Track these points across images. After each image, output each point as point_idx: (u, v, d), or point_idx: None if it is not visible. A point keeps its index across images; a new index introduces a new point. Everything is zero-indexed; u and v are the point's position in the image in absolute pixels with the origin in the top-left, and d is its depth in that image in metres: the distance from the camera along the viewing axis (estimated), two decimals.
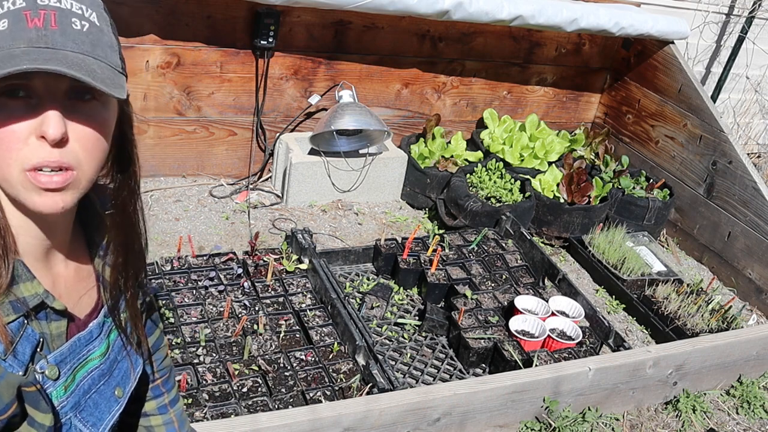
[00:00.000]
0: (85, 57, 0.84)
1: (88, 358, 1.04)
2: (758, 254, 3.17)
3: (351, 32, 3.20)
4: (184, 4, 2.82)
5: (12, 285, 0.91)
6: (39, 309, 0.95)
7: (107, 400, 1.09)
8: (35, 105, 0.84)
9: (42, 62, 0.79)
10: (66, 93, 0.85)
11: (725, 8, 4.30)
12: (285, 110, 3.27)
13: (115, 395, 1.11)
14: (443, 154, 3.45)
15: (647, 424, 2.36)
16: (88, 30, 0.85)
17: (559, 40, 3.72)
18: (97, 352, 1.06)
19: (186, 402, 1.92)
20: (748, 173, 3.19)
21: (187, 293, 2.36)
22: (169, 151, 3.12)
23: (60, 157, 0.85)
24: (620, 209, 3.42)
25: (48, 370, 0.96)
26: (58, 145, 0.84)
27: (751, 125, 4.85)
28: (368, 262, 2.89)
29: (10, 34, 0.81)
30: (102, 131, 0.89)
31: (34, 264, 0.95)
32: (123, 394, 1.12)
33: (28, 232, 0.94)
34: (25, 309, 0.92)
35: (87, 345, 1.04)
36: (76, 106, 0.86)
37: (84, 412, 1.05)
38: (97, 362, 1.06)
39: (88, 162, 0.88)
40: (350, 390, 2.10)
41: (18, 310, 0.91)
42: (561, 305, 2.70)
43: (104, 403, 1.09)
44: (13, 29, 0.82)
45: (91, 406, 1.06)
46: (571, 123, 4.10)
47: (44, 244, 0.97)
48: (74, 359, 1.02)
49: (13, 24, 0.82)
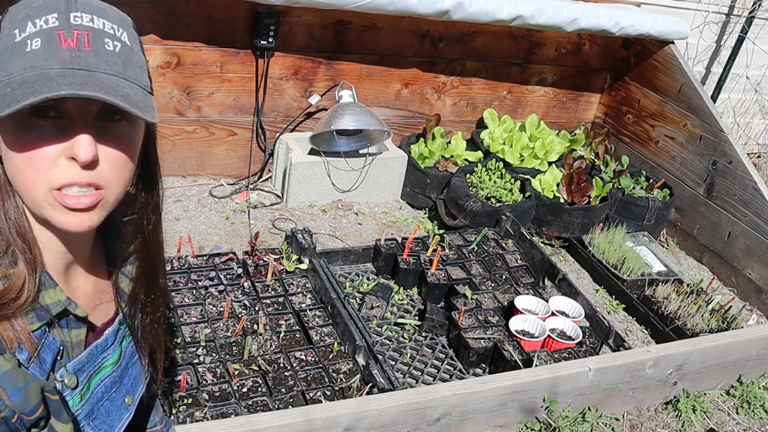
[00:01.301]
0: (118, 79, 0.84)
1: (103, 365, 1.05)
2: (758, 254, 3.17)
3: (351, 32, 3.20)
4: (184, 4, 2.82)
5: (37, 294, 0.92)
6: (61, 316, 0.95)
7: (118, 408, 1.10)
8: (66, 126, 0.83)
9: (78, 87, 0.78)
10: (97, 114, 0.85)
11: (725, 8, 4.30)
12: (285, 110, 3.27)
13: (125, 403, 1.12)
14: (443, 154, 3.45)
15: (647, 424, 2.36)
16: (120, 50, 0.85)
17: (559, 40, 3.72)
18: (111, 360, 1.07)
19: (186, 402, 1.92)
20: (748, 173, 3.19)
21: (187, 293, 2.36)
22: (169, 151, 3.12)
23: (89, 177, 0.85)
24: (620, 209, 3.42)
25: (67, 379, 0.97)
26: (88, 166, 0.84)
27: (751, 125, 4.85)
28: (368, 262, 2.89)
29: (43, 54, 0.81)
30: (130, 152, 0.89)
31: (55, 277, 0.96)
32: (132, 401, 1.14)
33: (50, 247, 0.94)
34: (49, 317, 0.93)
35: (102, 353, 1.05)
36: (106, 128, 0.86)
37: (96, 420, 1.06)
38: (110, 369, 1.07)
39: (116, 182, 0.88)
40: (350, 390, 2.10)
41: (42, 318, 0.92)
42: (561, 305, 2.70)
43: (115, 410, 1.10)
44: (47, 49, 0.81)
45: (103, 414, 1.07)
46: (571, 123, 4.10)
47: (66, 258, 0.98)
48: (90, 367, 1.03)
49: (46, 44, 0.81)
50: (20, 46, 0.81)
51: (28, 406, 0.88)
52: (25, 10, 0.83)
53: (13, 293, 0.88)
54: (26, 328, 0.89)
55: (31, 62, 0.81)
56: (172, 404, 1.91)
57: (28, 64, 0.81)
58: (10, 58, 0.81)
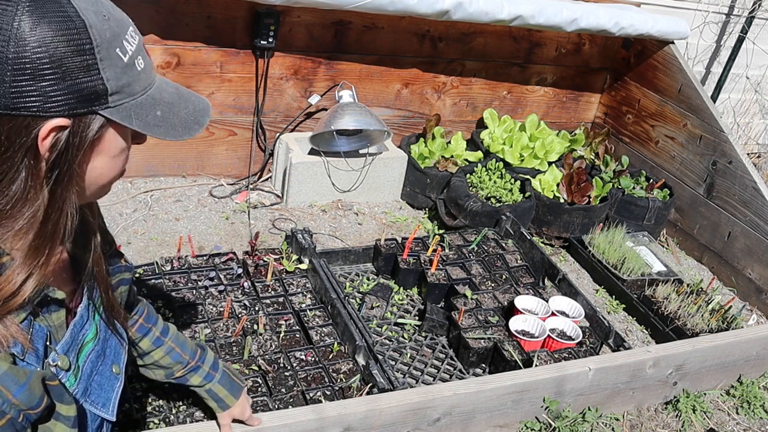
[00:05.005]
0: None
1: (84, 342, 1.08)
2: (758, 254, 3.17)
3: (351, 32, 3.20)
4: (184, 4, 2.82)
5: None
6: (42, 303, 0.97)
7: (108, 379, 1.13)
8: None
9: (203, 105, 1.05)
10: None
11: (725, 8, 4.30)
12: (285, 110, 3.27)
13: (113, 373, 1.15)
14: (443, 154, 3.45)
15: (647, 424, 2.36)
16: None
17: (559, 40, 3.72)
18: (90, 335, 1.09)
19: (186, 402, 1.92)
20: (748, 173, 3.19)
21: (187, 293, 2.36)
22: (169, 151, 3.12)
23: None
24: (620, 209, 3.42)
25: (60, 361, 1.00)
26: None
27: (751, 125, 4.85)
28: (368, 262, 2.89)
29: (149, 70, 0.96)
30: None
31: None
32: (120, 369, 1.17)
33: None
34: (31, 306, 0.94)
35: (81, 330, 1.07)
36: None
37: (92, 395, 1.09)
38: (92, 345, 1.09)
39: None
40: (350, 390, 2.10)
41: (26, 308, 0.94)
42: (561, 305, 2.70)
43: (107, 382, 1.13)
44: (147, 66, 0.96)
45: (97, 388, 1.10)
46: (571, 123, 4.10)
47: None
48: (75, 346, 1.05)
49: (145, 60, 0.96)
50: (131, 67, 0.91)
51: (33, 399, 0.89)
52: (109, 28, 0.88)
53: (7, 293, 0.89)
54: (15, 322, 0.91)
55: (147, 80, 0.95)
56: (172, 404, 1.91)
57: (145, 82, 0.94)
58: (133, 81, 0.92)
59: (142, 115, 0.93)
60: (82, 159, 0.91)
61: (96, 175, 0.95)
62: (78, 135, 0.87)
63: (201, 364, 1.57)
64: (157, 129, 0.95)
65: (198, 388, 1.58)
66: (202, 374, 1.57)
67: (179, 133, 0.98)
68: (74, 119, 0.86)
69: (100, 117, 0.89)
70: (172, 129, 0.97)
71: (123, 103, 0.90)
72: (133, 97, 0.92)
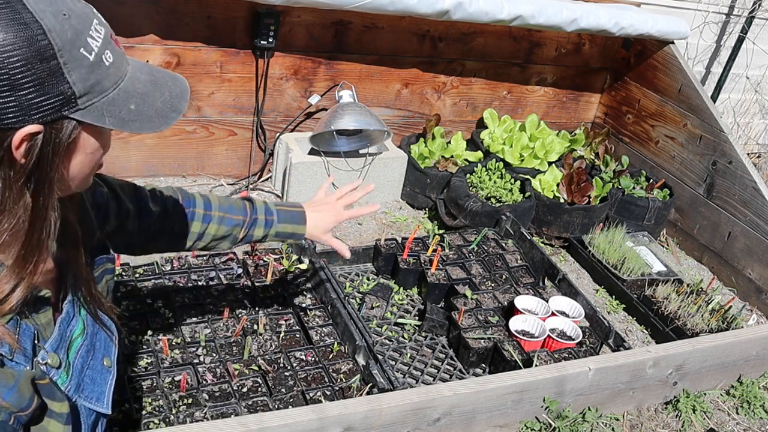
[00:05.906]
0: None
1: (73, 338, 1.07)
2: (758, 254, 3.17)
3: (351, 32, 3.20)
4: (184, 4, 2.82)
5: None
6: (28, 303, 0.97)
7: (100, 373, 1.12)
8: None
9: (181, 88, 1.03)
10: None
11: (725, 8, 4.30)
12: (285, 110, 3.27)
13: (105, 366, 1.14)
14: (443, 154, 3.45)
15: (647, 424, 2.36)
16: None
17: (559, 40, 3.72)
18: (78, 331, 1.08)
19: (186, 402, 1.92)
20: (748, 173, 3.19)
21: (187, 293, 2.36)
22: (169, 151, 3.12)
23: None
24: (620, 209, 3.42)
25: (50, 359, 0.99)
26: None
27: (751, 125, 4.85)
28: (368, 262, 2.89)
29: (120, 62, 0.93)
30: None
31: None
32: (111, 362, 1.16)
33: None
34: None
35: (68, 326, 1.06)
36: None
37: (85, 390, 1.08)
38: (80, 340, 1.08)
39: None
40: (350, 390, 2.10)
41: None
42: (561, 305, 2.70)
43: (99, 376, 1.12)
44: (117, 57, 0.93)
45: (89, 383, 1.09)
46: (571, 123, 4.10)
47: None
48: (64, 343, 1.04)
49: (114, 53, 0.93)
50: (99, 64, 0.88)
51: (23, 401, 0.88)
52: (70, 27, 0.84)
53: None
54: (2, 323, 0.90)
55: (117, 74, 0.92)
56: (172, 404, 1.91)
57: (115, 76, 0.91)
58: (102, 78, 0.89)
59: (114, 111, 0.90)
60: (59, 163, 0.89)
61: (77, 170, 0.94)
62: (51, 141, 0.86)
63: (256, 216, 1.58)
64: (132, 124, 0.92)
65: (266, 238, 1.60)
66: (262, 224, 1.59)
67: (156, 124, 0.95)
68: (46, 126, 0.84)
69: (72, 120, 0.87)
70: (147, 121, 0.94)
71: (93, 102, 0.88)
72: (104, 94, 0.89)
